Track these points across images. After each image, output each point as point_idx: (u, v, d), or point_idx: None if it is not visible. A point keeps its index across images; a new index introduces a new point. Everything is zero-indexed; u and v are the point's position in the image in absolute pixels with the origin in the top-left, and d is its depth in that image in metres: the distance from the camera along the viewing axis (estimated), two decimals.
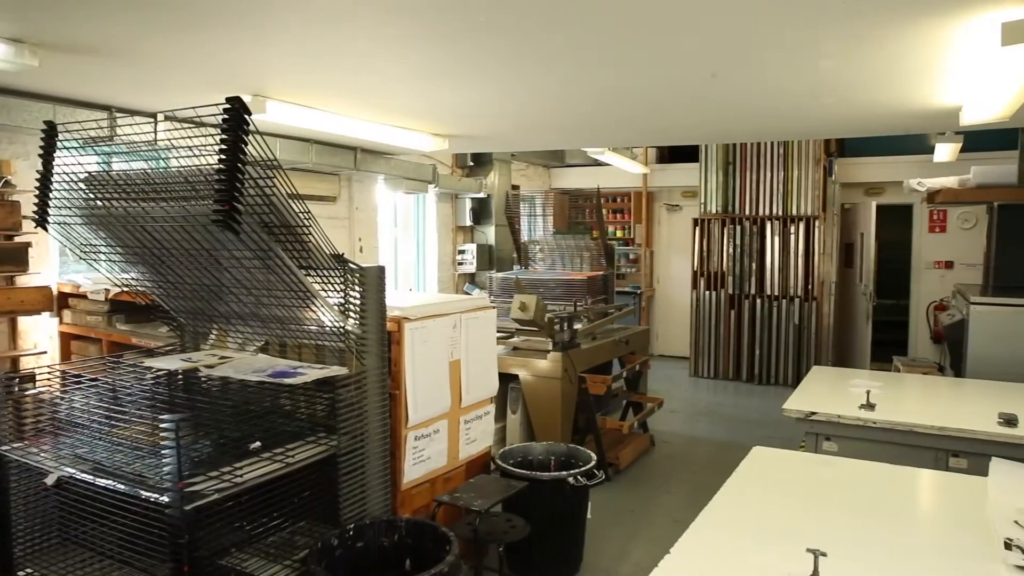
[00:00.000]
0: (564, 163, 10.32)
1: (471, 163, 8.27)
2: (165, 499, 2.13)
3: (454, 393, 3.53)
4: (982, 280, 6.74)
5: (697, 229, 9.05)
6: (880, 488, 2.35)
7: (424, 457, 3.34)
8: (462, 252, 8.30)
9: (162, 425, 2.14)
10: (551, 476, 3.68)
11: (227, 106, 2.08)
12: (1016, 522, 1.94)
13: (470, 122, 4.58)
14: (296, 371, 2.66)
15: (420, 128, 4.81)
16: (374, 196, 6.82)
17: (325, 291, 2.69)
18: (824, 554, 1.60)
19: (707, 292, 9.02)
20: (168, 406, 2.68)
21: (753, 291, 8.76)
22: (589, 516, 3.90)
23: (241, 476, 2.25)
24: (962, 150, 6.36)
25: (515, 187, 8.89)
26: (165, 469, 2.14)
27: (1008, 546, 1.80)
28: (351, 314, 2.76)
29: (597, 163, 9.18)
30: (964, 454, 2.98)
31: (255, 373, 2.66)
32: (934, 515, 2.27)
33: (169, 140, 2.32)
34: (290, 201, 2.30)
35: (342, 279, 2.71)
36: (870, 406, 3.23)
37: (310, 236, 2.42)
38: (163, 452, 2.14)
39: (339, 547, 2.61)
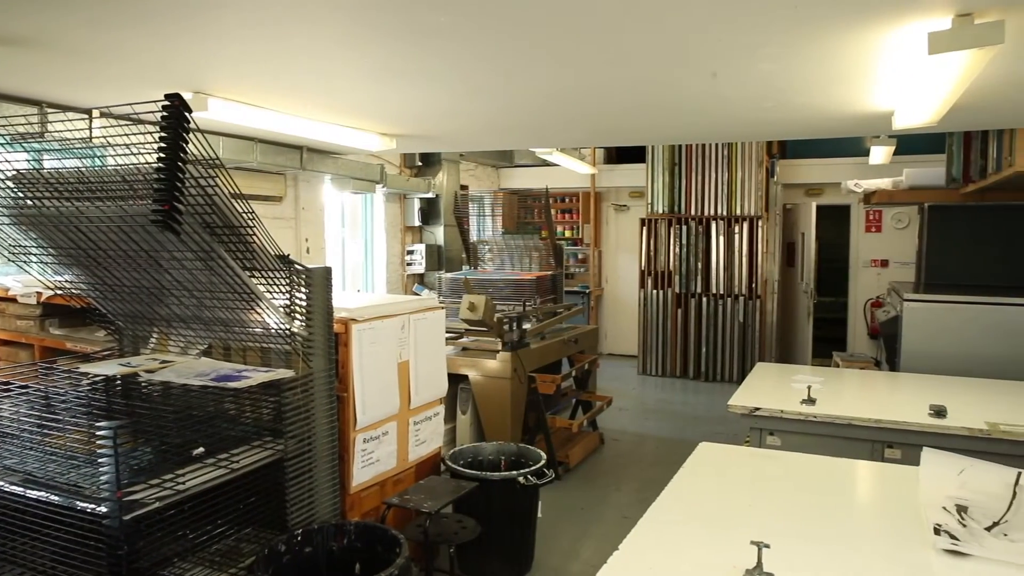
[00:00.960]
0: (513, 163, 10.35)
1: (419, 163, 8.22)
2: (102, 509, 2.05)
3: (403, 394, 3.50)
4: (915, 278, 7.00)
5: (644, 229, 9.18)
6: (820, 480, 2.42)
7: (373, 460, 3.31)
8: (411, 253, 8.25)
9: (99, 432, 2.06)
10: (501, 476, 3.68)
11: (166, 103, 2.02)
12: (944, 508, 2.02)
13: (418, 122, 4.55)
14: (241, 374, 2.61)
15: (368, 128, 4.76)
16: (321, 196, 6.72)
17: (270, 293, 2.64)
18: (767, 546, 1.64)
19: (654, 291, 9.15)
20: (106, 413, 2.59)
21: (699, 290, 8.93)
22: (540, 515, 3.92)
23: (183, 483, 2.19)
24: (896, 153, 6.60)
25: (464, 187, 8.87)
26: (102, 478, 2.07)
27: (937, 531, 1.87)
28: (297, 316, 2.71)
29: (546, 163, 9.24)
30: (898, 445, 3.09)
31: (198, 377, 2.60)
32: (870, 504, 2.35)
33: (105, 138, 2.24)
34: (233, 201, 2.25)
35: (288, 280, 2.66)
36: (811, 401, 3.33)
37: (254, 237, 2.37)
38: (100, 461, 2.07)
39: (286, 553, 2.57)
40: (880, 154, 6.50)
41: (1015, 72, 2.97)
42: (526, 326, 5.39)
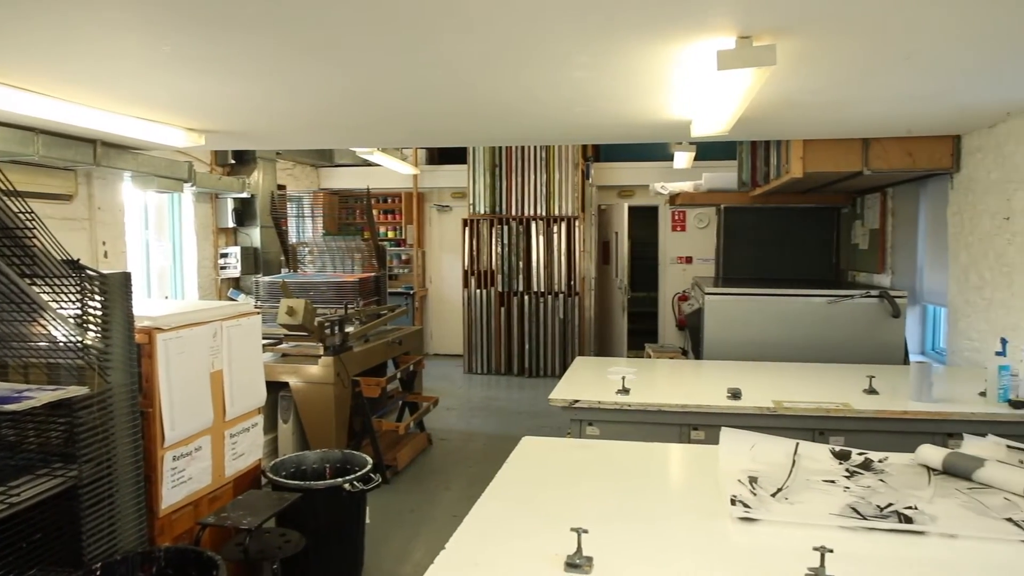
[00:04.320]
0: (333, 163, 10.08)
1: (232, 161, 7.77)
2: None
3: (217, 406, 3.29)
4: (715, 273, 7.67)
5: (467, 229, 9.30)
6: (635, 465, 2.57)
7: (185, 478, 3.09)
8: (225, 256, 7.78)
9: None
10: (326, 484, 3.57)
11: None
12: (739, 480, 2.22)
13: (229, 118, 4.29)
14: (21, 395, 2.32)
15: (172, 122, 4.41)
16: (120, 195, 6.15)
17: (57, 302, 2.37)
18: (586, 531, 1.72)
19: (478, 290, 9.30)
20: None
21: (521, 288, 9.19)
22: (368, 521, 3.85)
23: None
24: (697, 158, 7.17)
25: (281, 187, 8.51)
26: None
27: (733, 502, 2.06)
28: (91, 327, 2.46)
29: (367, 163, 9.08)
30: (702, 427, 3.37)
31: None
32: (678, 483, 2.54)
33: None
34: (7, 199, 2.00)
35: (78, 288, 2.41)
36: (625, 391, 3.53)
37: (34, 240, 2.12)
38: None
39: None
40: (683, 159, 7.04)
41: (787, 91, 3.34)
42: (349, 329, 5.27)
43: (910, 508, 2.01)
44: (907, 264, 5.71)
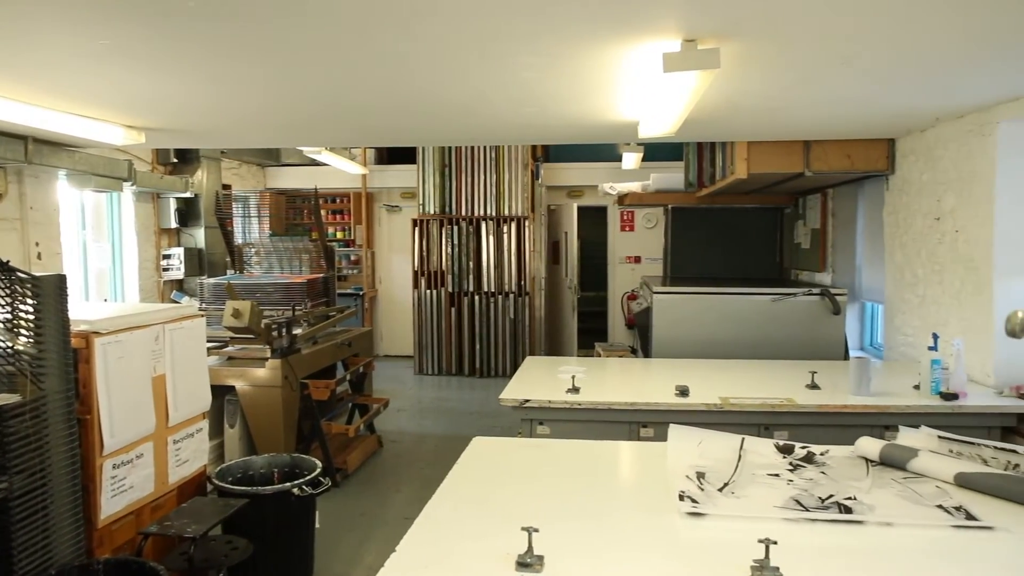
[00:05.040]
0: (280, 162, 9.91)
1: (175, 160, 7.57)
2: None
3: (159, 412, 3.20)
4: (663, 272, 7.79)
5: (417, 229, 9.25)
6: (585, 463, 2.59)
7: (126, 487, 2.99)
8: (168, 257, 7.58)
9: None
10: (274, 489, 3.51)
11: None
12: (687, 476, 2.26)
13: (171, 115, 4.17)
14: None
15: (110, 119, 4.27)
16: (54, 194, 5.92)
17: None
18: (537, 530, 1.72)
19: (428, 291, 9.26)
20: None
21: (471, 288, 9.18)
22: (318, 525, 3.80)
23: None
24: (645, 159, 7.27)
25: (226, 186, 8.33)
26: None
27: (681, 497, 2.09)
28: (22, 331, 2.37)
29: (315, 163, 8.94)
30: (651, 424, 3.41)
31: None
32: (628, 480, 2.57)
33: None
34: None
35: (8, 291, 2.32)
36: (575, 390, 3.56)
37: None
38: None
39: None
40: (631, 160, 7.14)
41: (731, 93, 3.41)
42: (297, 331, 5.19)
43: (850, 499, 2.07)
44: (847, 263, 5.89)
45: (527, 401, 3.45)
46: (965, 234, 3.90)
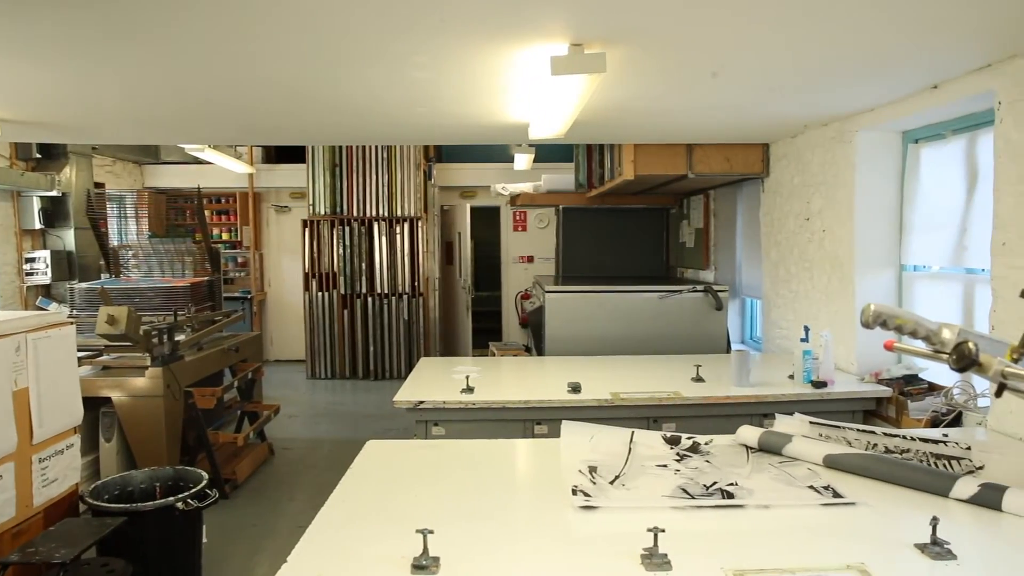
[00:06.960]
0: (159, 160, 9.40)
1: (38, 155, 7.04)
2: None
3: (22, 428, 2.97)
4: (555, 271, 7.93)
5: (307, 230, 9.02)
6: (480, 462, 2.61)
7: None
8: (31, 260, 7.05)
9: None
10: (155, 505, 3.32)
11: None
12: (580, 471, 2.32)
13: (32, 106, 3.86)
14: None
15: None
16: None
17: None
18: (431, 532, 1.71)
19: (320, 293, 9.04)
20: None
21: (364, 290, 9.03)
22: (205, 540, 3.63)
23: None
24: (536, 160, 7.38)
25: (99, 185, 7.83)
26: None
27: (574, 492, 2.14)
28: None
29: (198, 161, 8.52)
30: (545, 421, 3.47)
31: None
32: (522, 477, 2.61)
33: None
34: None
35: None
36: (470, 390, 3.57)
37: None
38: None
39: None
40: (523, 161, 7.23)
41: (618, 97, 3.52)
42: (179, 337, 4.94)
43: (732, 484, 2.18)
44: (728, 260, 6.20)
45: (421, 402, 3.43)
46: (831, 233, 4.19)
